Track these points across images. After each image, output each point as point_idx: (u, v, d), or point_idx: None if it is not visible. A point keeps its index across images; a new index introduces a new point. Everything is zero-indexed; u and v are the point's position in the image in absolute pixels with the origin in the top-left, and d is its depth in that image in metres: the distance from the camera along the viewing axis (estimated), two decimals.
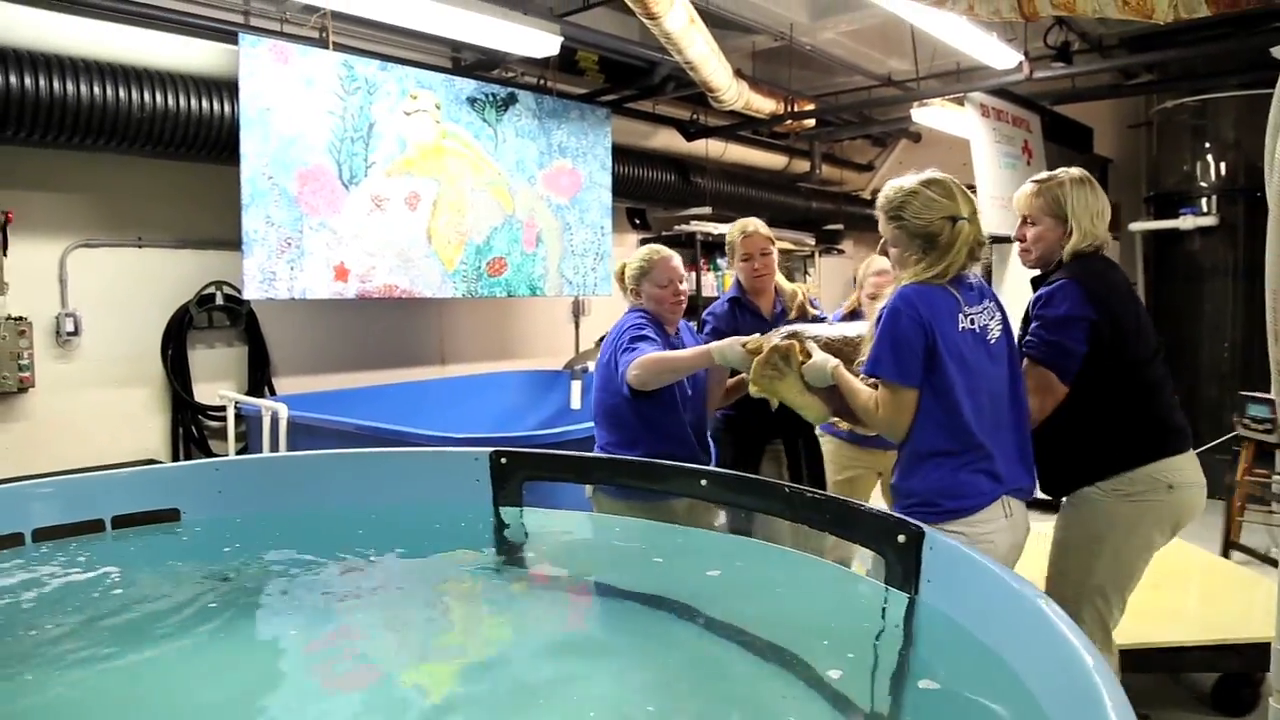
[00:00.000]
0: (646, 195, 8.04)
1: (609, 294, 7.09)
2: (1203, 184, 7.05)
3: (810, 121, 8.03)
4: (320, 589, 2.65)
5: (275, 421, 4.94)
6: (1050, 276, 2.73)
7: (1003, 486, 2.41)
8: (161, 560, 2.69)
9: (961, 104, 6.69)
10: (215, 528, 2.92)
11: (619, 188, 7.36)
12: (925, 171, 2.48)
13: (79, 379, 5.29)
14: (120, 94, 4.74)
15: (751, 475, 2.76)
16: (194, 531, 2.90)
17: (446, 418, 5.96)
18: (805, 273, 10.06)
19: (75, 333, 5.20)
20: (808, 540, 2.71)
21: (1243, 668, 3.52)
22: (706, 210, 8.23)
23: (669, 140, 7.98)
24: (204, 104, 5.04)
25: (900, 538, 2.10)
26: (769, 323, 3.63)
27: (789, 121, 7.58)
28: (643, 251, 3.35)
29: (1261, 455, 5.71)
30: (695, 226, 8.29)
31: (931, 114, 7.08)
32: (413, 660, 2.28)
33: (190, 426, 5.72)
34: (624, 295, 3.43)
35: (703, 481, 2.58)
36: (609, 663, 2.22)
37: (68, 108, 4.59)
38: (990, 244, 3.04)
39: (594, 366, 3.91)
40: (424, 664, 2.29)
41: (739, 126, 7.95)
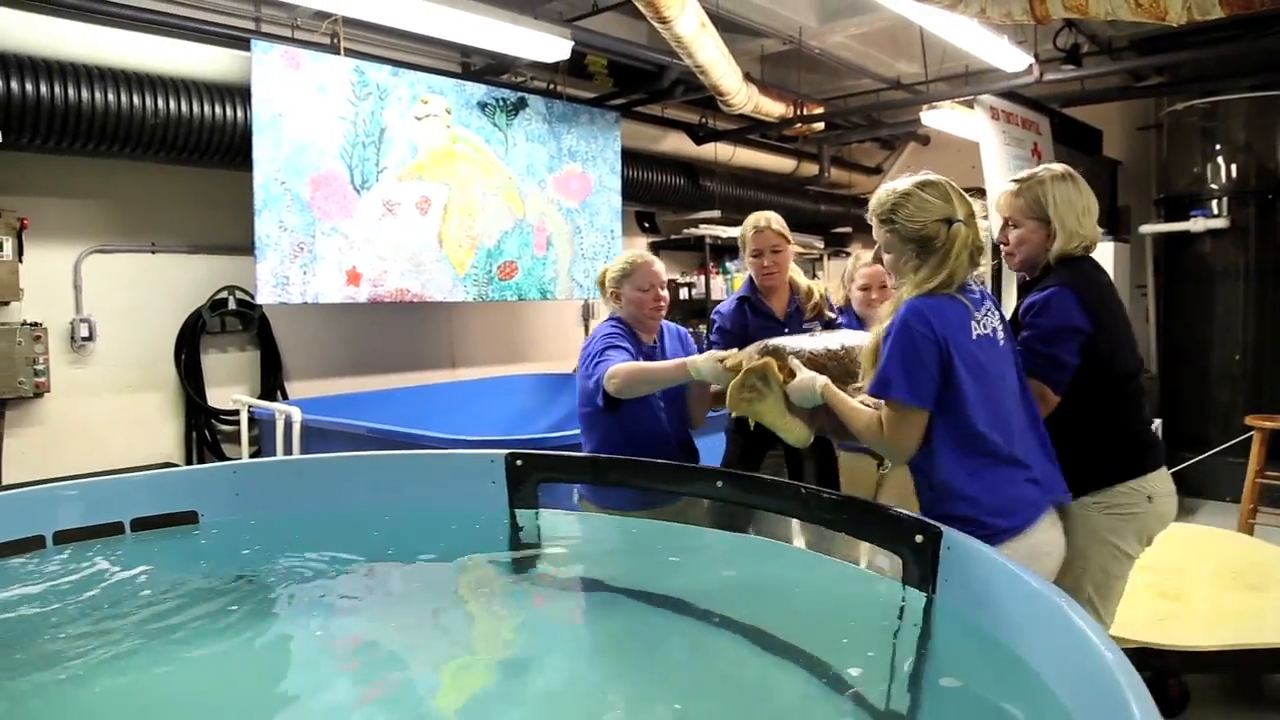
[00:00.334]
0: (656, 199, 8.07)
1: None
2: (1213, 186, 7.03)
3: (819, 125, 8.05)
4: (337, 590, 2.67)
5: (289, 425, 4.96)
6: (1042, 282, 2.61)
7: (1047, 494, 2.32)
8: (181, 562, 2.70)
9: (971, 107, 6.69)
10: (233, 530, 2.94)
11: (628, 191, 7.38)
12: (920, 173, 2.36)
13: (94, 384, 5.32)
14: (134, 100, 4.78)
15: (767, 477, 2.76)
16: (212, 534, 2.92)
17: (457, 421, 5.97)
18: (814, 275, 10.05)
19: (90, 338, 5.24)
20: (818, 539, 2.72)
21: None
22: (715, 214, 8.25)
23: (678, 144, 8.00)
24: (217, 110, 5.08)
25: (918, 538, 2.10)
26: (782, 323, 3.58)
27: (798, 125, 7.59)
28: (626, 255, 3.32)
29: (1273, 456, 5.71)
30: (704, 230, 8.30)
31: (941, 117, 7.08)
32: (429, 661, 2.29)
33: (204, 431, 5.75)
34: (604, 300, 3.39)
35: (719, 483, 2.58)
36: (625, 663, 2.23)
37: (82, 114, 4.62)
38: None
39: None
40: (440, 664, 2.30)
41: (748, 130, 7.96)
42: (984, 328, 2.27)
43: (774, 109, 6.97)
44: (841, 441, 3.35)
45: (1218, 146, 7.03)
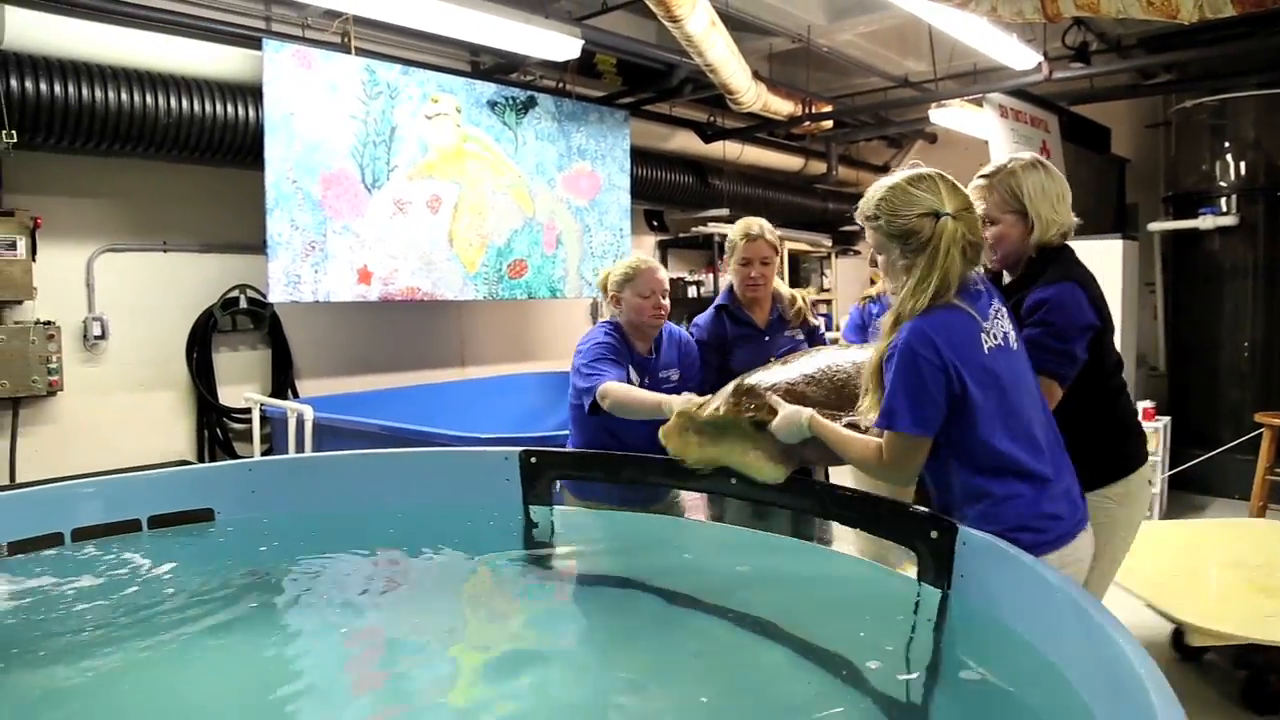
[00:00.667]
0: (664, 197, 8.08)
1: None
2: (1222, 184, 7.01)
3: (827, 123, 8.05)
4: (354, 587, 2.69)
5: (301, 423, 4.98)
6: (1042, 278, 2.50)
7: (1079, 509, 2.20)
8: (198, 560, 2.72)
9: (980, 105, 6.69)
10: (249, 527, 2.96)
11: (637, 190, 7.39)
12: (910, 167, 2.20)
13: (106, 382, 5.35)
14: (146, 100, 4.80)
15: None
16: (228, 531, 2.94)
17: (467, 419, 5.99)
18: (822, 274, 10.08)
19: (102, 336, 5.26)
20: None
21: None
22: (724, 212, 8.25)
23: (686, 142, 8.01)
24: (228, 109, 5.10)
25: (933, 533, 2.11)
26: (763, 332, 3.44)
27: (806, 123, 7.60)
28: (629, 260, 3.27)
29: None
30: (713, 228, 8.31)
31: (950, 115, 7.09)
32: (446, 656, 2.31)
33: (215, 429, 5.77)
34: (604, 303, 3.35)
35: (732, 480, 2.59)
36: (642, 658, 2.24)
37: (95, 114, 4.65)
38: None
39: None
40: (457, 659, 2.32)
41: (756, 128, 7.97)
42: (995, 337, 2.10)
43: (782, 107, 6.98)
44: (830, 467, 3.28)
45: (1226, 144, 7.01)
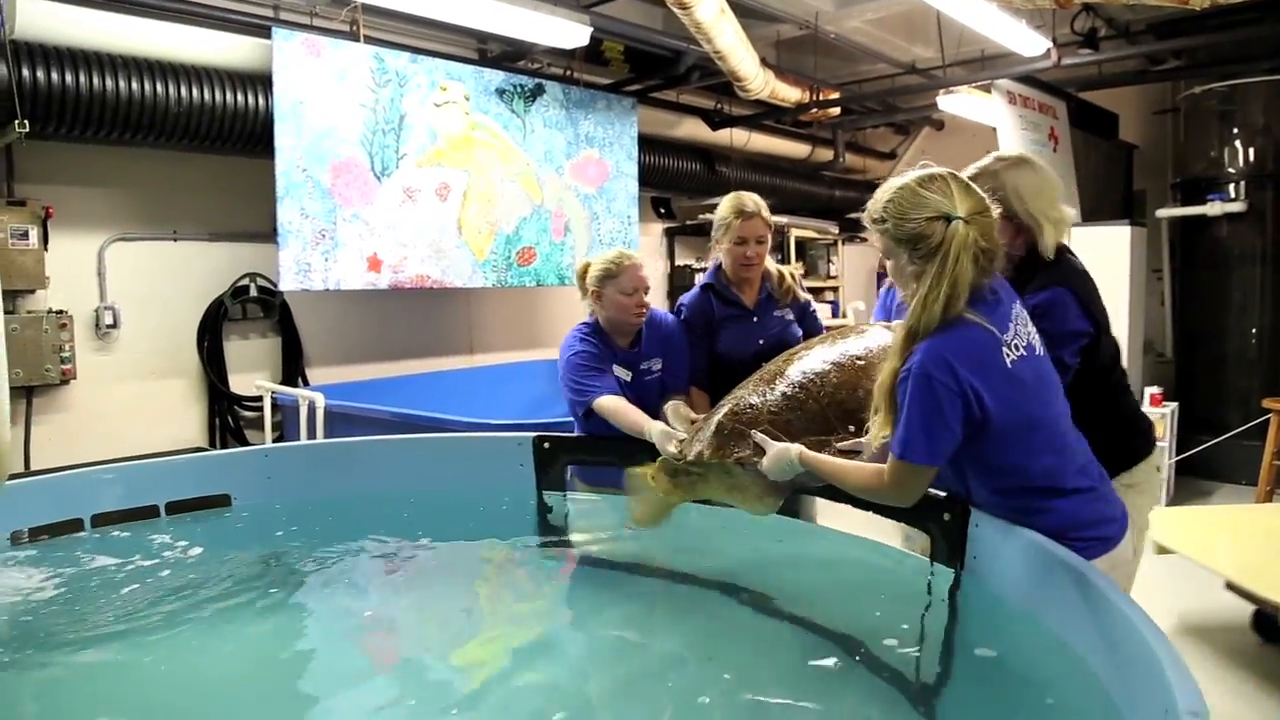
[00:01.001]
0: (671, 184, 8.08)
1: None
2: (1230, 170, 6.99)
3: (834, 110, 8.04)
4: (369, 571, 2.72)
5: (312, 411, 5.01)
6: (1031, 284, 2.38)
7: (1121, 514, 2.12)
8: (215, 544, 2.76)
9: (988, 91, 6.68)
10: (265, 512, 3.00)
11: (644, 177, 7.39)
12: (922, 166, 2.06)
13: (118, 371, 5.38)
14: (156, 89, 4.81)
15: None
16: (244, 517, 2.98)
17: (476, 406, 6.01)
18: (829, 261, 10.07)
19: (114, 325, 5.29)
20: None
21: None
22: None
23: (694, 130, 8.01)
24: (238, 98, 5.10)
25: (946, 515, 2.13)
26: (751, 312, 3.27)
27: (813, 110, 7.59)
28: (610, 254, 3.13)
29: None
30: None
31: (957, 101, 7.07)
32: (458, 639, 2.34)
33: (227, 417, 5.80)
34: (581, 296, 3.18)
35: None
36: (656, 641, 2.27)
37: (105, 103, 4.66)
38: None
39: None
40: (469, 643, 2.35)
41: (763, 115, 7.96)
42: (1017, 349, 1.98)
43: (790, 94, 6.97)
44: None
45: (1235, 130, 7.00)
